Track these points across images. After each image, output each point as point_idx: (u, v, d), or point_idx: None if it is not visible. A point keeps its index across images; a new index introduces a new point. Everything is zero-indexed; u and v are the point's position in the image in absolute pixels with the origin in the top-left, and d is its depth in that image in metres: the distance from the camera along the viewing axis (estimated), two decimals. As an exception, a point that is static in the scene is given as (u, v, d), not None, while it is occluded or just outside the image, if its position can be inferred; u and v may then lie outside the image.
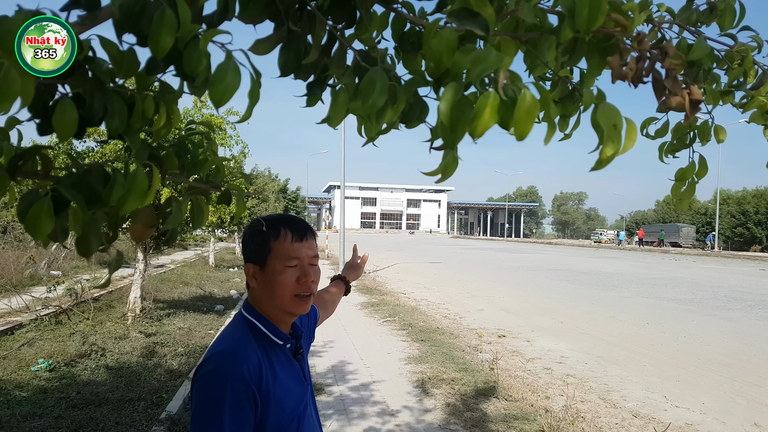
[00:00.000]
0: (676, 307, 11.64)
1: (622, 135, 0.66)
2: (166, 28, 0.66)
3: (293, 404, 1.26)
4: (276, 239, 1.26)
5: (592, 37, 0.69)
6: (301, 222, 1.33)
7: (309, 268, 1.28)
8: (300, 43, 0.77)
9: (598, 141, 0.65)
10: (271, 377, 1.21)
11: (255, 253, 1.28)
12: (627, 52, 0.66)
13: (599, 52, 0.72)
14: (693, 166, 1.27)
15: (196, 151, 0.90)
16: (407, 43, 0.75)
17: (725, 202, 50.56)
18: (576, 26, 0.63)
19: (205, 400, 1.14)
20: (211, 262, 17.90)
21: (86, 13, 0.73)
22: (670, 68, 0.66)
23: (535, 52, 0.67)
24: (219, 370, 1.16)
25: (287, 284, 1.25)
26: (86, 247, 0.83)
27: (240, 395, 1.14)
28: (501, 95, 0.60)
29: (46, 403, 4.51)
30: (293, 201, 50.14)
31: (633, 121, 0.66)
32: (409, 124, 0.74)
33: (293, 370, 1.31)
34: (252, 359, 1.19)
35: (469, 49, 0.62)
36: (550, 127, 0.62)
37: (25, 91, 0.66)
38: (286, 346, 1.31)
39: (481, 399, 5.09)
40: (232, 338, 1.25)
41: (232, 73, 0.67)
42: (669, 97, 0.67)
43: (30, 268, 11.73)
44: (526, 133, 0.61)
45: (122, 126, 0.78)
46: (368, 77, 0.64)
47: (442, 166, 0.65)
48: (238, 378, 1.14)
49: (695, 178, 1.27)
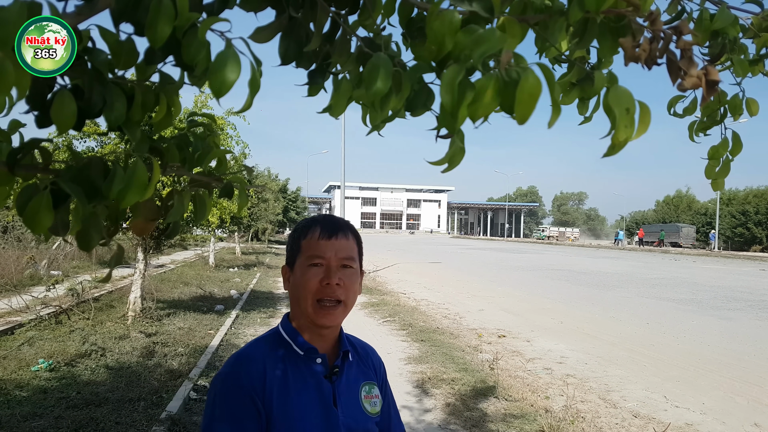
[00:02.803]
0: (676, 307, 11.63)
1: (635, 119, 0.64)
2: (163, 16, 0.65)
3: (308, 427, 1.12)
4: (305, 237, 1.19)
5: (603, 18, 0.67)
6: (335, 220, 1.22)
7: (336, 270, 1.15)
8: (301, 30, 0.76)
9: (610, 126, 0.63)
10: (278, 388, 1.12)
11: (289, 255, 1.23)
12: (640, 33, 0.64)
13: (611, 33, 0.70)
14: (726, 142, 1.18)
15: (197, 143, 0.89)
16: (415, 28, 0.74)
17: (728, 202, 50.54)
18: (585, 6, 0.61)
19: (207, 401, 1.15)
20: (211, 262, 17.89)
21: (84, 3, 0.72)
22: (685, 48, 0.64)
23: (545, 35, 0.66)
24: (220, 373, 1.15)
25: (309, 285, 1.14)
26: (87, 242, 0.83)
27: (234, 401, 1.10)
28: (504, 76, 0.58)
29: (46, 403, 4.50)
30: (293, 201, 50.10)
31: (646, 105, 0.65)
32: (414, 111, 0.72)
33: (318, 390, 1.16)
34: (255, 366, 1.13)
35: (472, 30, 0.60)
36: (554, 110, 0.61)
37: (20, 83, 0.65)
38: (314, 359, 1.18)
39: (481, 399, 5.08)
40: (252, 344, 1.22)
41: (232, 61, 0.65)
42: (684, 79, 0.65)
43: (30, 268, 11.71)
44: (528, 116, 0.60)
45: (122, 118, 0.77)
46: (372, 63, 0.63)
47: (449, 155, 0.64)
48: (234, 383, 1.11)
49: (729, 155, 1.19)
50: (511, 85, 0.58)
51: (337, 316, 1.16)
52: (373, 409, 1.24)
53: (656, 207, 70.26)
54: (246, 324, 8.44)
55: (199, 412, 4.57)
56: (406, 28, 0.76)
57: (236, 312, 9.17)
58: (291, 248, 1.22)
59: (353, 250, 1.20)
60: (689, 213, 59.47)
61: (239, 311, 9.34)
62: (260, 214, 23.95)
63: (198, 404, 4.74)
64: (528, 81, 0.57)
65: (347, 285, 1.16)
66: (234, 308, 9.57)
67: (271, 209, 26.52)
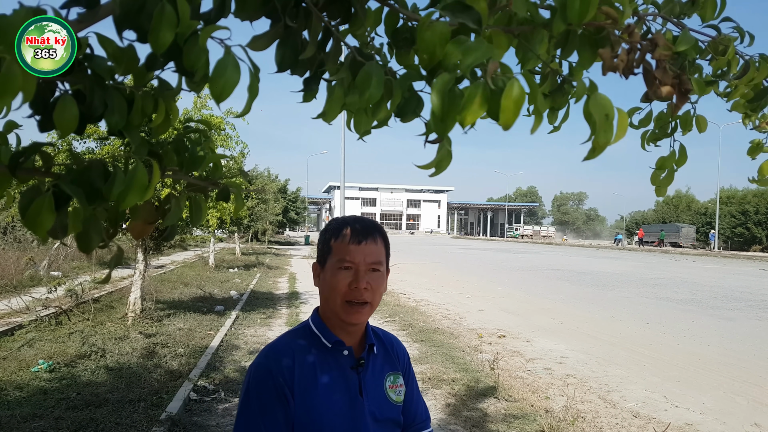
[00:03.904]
0: (676, 307, 11.64)
1: (613, 125, 0.67)
2: (165, 24, 0.66)
3: (334, 415, 1.19)
4: (336, 239, 1.24)
5: (584, 30, 0.70)
6: (366, 223, 1.27)
7: (364, 274, 1.21)
8: (296, 39, 0.78)
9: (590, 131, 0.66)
10: (307, 379, 1.19)
11: (320, 253, 1.29)
12: (618, 44, 0.67)
13: (591, 44, 0.73)
14: (673, 154, 1.30)
15: (194, 148, 0.90)
16: (400, 38, 0.77)
17: (728, 202, 50.54)
18: (568, 19, 0.64)
19: (241, 391, 1.23)
20: (211, 262, 17.90)
21: (86, 11, 0.74)
22: (660, 59, 0.67)
23: (528, 46, 0.69)
24: (253, 364, 1.23)
25: (339, 287, 1.20)
26: (87, 243, 0.84)
27: (264, 388, 1.17)
28: (490, 85, 0.61)
29: (46, 404, 4.51)
30: (293, 201, 50.11)
31: (624, 111, 0.67)
32: (404, 118, 0.75)
33: (345, 380, 1.23)
34: (285, 356, 1.20)
35: (461, 41, 0.63)
36: (537, 118, 0.64)
37: (27, 87, 0.67)
38: (341, 351, 1.25)
39: (481, 399, 5.10)
40: (283, 336, 1.30)
41: (231, 68, 0.67)
42: (659, 87, 0.68)
43: (30, 269, 11.73)
44: (512, 123, 0.62)
45: (122, 122, 0.78)
46: (365, 71, 0.65)
47: (437, 160, 0.66)
48: (265, 371, 1.19)
49: (675, 166, 1.31)
50: (497, 94, 0.60)
51: (364, 315, 1.23)
52: (398, 398, 1.32)
53: (656, 207, 70.30)
54: (246, 325, 8.45)
55: (200, 413, 4.58)
56: (392, 38, 0.78)
57: (236, 312, 9.19)
58: (322, 247, 1.28)
59: (381, 254, 1.26)
60: (689, 213, 59.49)
61: (239, 312, 9.35)
62: (260, 215, 23.98)
63: (198, 405, 4.75)
64: (513, 89, 0.60)
65: (374, 288, 1.23)
66: (234, 309, 9.58)
67: (270, 210, 26.54)
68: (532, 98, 0.62)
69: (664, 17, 1.06)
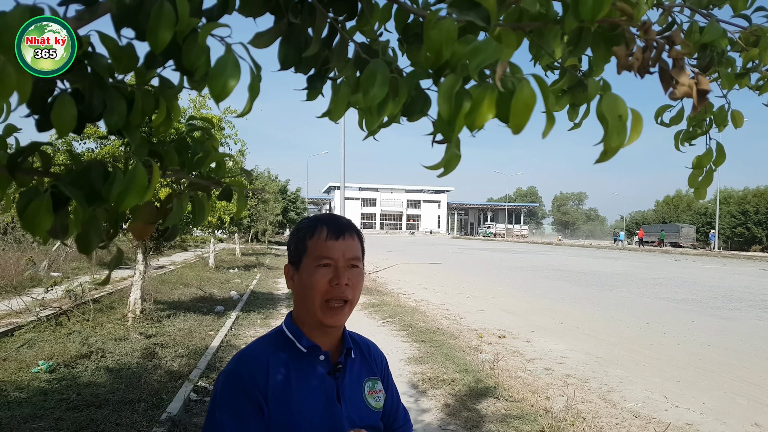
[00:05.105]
0: (676, 307, 11.63)
1: (627, 126, 0.65)
2: (164, 22, 0.65)
3: (311, 422, 1.14)
4: (311, 237, 1.19)
5: (598, 27, 0.68)
6: (341, 220, 1.23)
7: (344, 270, 1.16)
8: (300, 35, 0.76)
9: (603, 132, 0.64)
10: (281, 386, 1.14)
11: (293, 254, 1.23)
12: (633, 42, 0.65)
13: (605, 42, 0.71)
14: (710, 152, 1.22)
15: (196, 147, 0.89)
16: (411, 34, 0.74)
17: (726, 201, 50.55)
18: (581, 16, 0.62)
19: (210, 399, 1.17)
20: (211, 263, 17.88)
21: (84, 8, 0.73)
22: (677, 57, 0.65)
23: (540, 43, 0.67)
24: (223, 371, 1.18)
25: (318, 285, 1.15)
26: (87, 245, 0.83)
27: (236, 398, 1.11)
28: (499, 87, 0.59)
29: (46, 405, 4.50)
30: (293, 202, 50.04)
31: (639, 112, 0.65)
32: (411, 117, 0.73)
33: (322, 386, 1.19)
34: (258, 362, 1.15)
35: (469, 40, 0.61)
36: (549, 120, 0.61)
37: (22, 87, 0.65)
38: (317, 356, 1.20)
39: (482, 399, 5.08)
40: (255, 342, 1.24)
41: (231, 66, 0.66)
42: (676, 87, 0.66)
43: (30, 270, 11.71)
44: (523, 126, 0.60)
45: (121, 122, 0.77)
46: (369, 69, 0.64)
47: (444, 161, 0.65)
48: (237, 379, 1.13)
49: (713, 165, 1.22)
50: (507, 96, 0.58)
51: (344, 316, 1.18)
52: (377, 404, 1.28)
53: (656, 207, 70.27)
54: (246, 325, 8.44)
55: (200, 414, 4.57)
56: (402, 34, 0.77)
57: (236, 313, 9.17)
58: (296, 247, 1.22)
59: (358, 249, 1.22)
60: (689, 213, 59.47)
61: (239, 312, 9.34)
62: (260, 215, 23.96)
63: (198, 405, 4.74)
64: (523, 92, 0.58)
65: (354, 284, 1.18)
66: (234, 309, 9.57)
67: (270, 210, 26.52)
68: (543, 100, 0.59)
69: (692, 8, 1.01)
